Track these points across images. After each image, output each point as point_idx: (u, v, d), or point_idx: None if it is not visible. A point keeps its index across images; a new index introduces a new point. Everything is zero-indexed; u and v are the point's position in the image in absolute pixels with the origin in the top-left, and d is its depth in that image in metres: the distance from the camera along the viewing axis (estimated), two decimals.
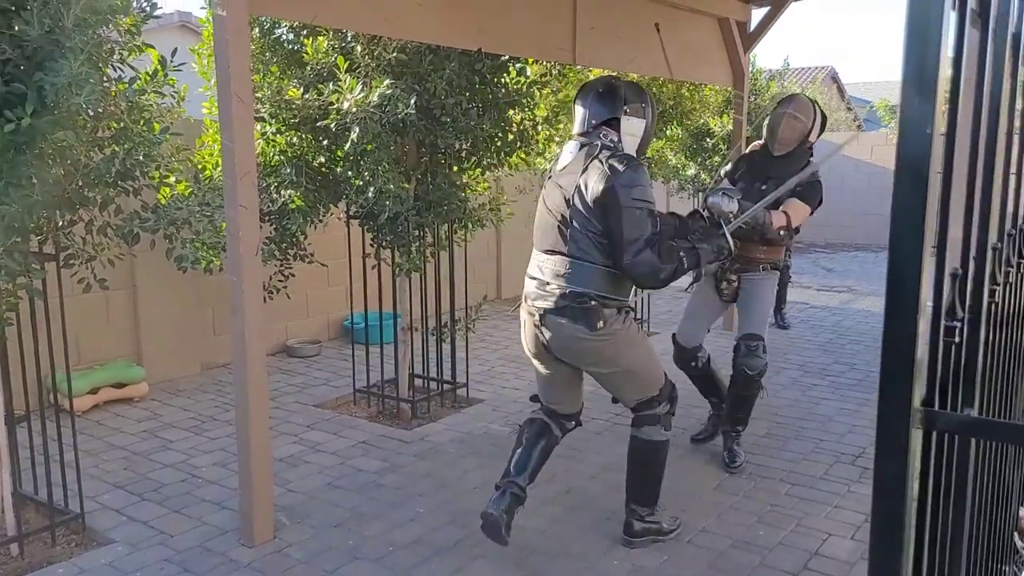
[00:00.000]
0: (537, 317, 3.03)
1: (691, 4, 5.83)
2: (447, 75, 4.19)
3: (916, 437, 0.98)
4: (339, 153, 4.33)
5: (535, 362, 3.24)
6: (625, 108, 3.02)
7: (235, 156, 3.04)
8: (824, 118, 4.00)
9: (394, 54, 4.01)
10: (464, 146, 4.66)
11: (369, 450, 4.32)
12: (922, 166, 0.94)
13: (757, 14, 6.77)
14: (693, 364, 4.25)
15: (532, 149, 4.96)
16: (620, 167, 2.87)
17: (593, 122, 3.03)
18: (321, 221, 4.66)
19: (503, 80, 4.57)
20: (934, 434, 1.05)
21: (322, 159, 4.44)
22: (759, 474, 3.98)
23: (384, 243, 4.61)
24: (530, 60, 4.83)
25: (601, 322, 2.94)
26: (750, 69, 7.18)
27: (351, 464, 4.13)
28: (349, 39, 4.25)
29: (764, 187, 3.84)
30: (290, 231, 4.42)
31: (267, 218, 4.40)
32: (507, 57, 4.60)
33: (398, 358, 4.93)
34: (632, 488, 3.29)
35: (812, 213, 3.95)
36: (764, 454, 4.23)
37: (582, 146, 3.03)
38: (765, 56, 51.42)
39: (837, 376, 5.68)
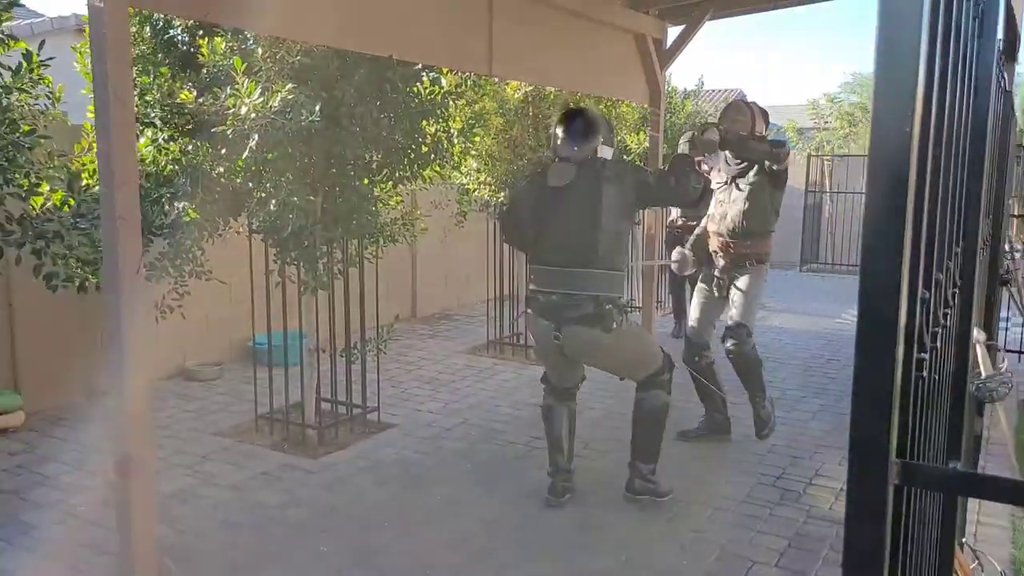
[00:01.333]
0: (554, 326, 3.56)
1: (609, 20, 5.76)
2: (356, 82, 3.96)
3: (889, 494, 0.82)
4: (239, 163, 4.03)
5: (546, 361, 3.86)
6: (601, 138, 3.69)
7: (112, 163, 2.73)
8: (764, 112, 4.52)
9: (298, 58, 3.76)
10: (375, 157, 4.43)
11: (270, 482, 4.01)
12: (900, 172, 0.79)
13: (673, 32, 6.77)
14: (697, 360, 4.62)
15: (447, 162, 4.77)
16: (626, 164, 4.03)
17: (585, 148, 3.64)
18: (220, 235, 4.34)
19: (416, 89, 4.37)
20: (905, 490, 0.90)
21: (220, 169, 4.13)
22: (682, 498, 3.86)
23: (288, 259, 4.32)
24: (444, 70, 4.65)
25: (615, 323, 3.53)
26: (666, 87, 7.18)
27: (250, 498, 3.81)
28: (250, 41, 3.97)
29: (745, 185, 4.42)
30: (184, 246, 4.09)
31: (160, 232, 4.06)
32: (420, 66, 4.40)
33: (304, 381, 4.64)
34: (638, 446, 3.77)
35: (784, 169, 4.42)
36: (686, 477, 4.11)
37: (580, 167, 3.60)
38: (680, 76, 52.90)
39: None
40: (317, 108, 3.65)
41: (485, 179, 6.46)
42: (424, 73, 4.41)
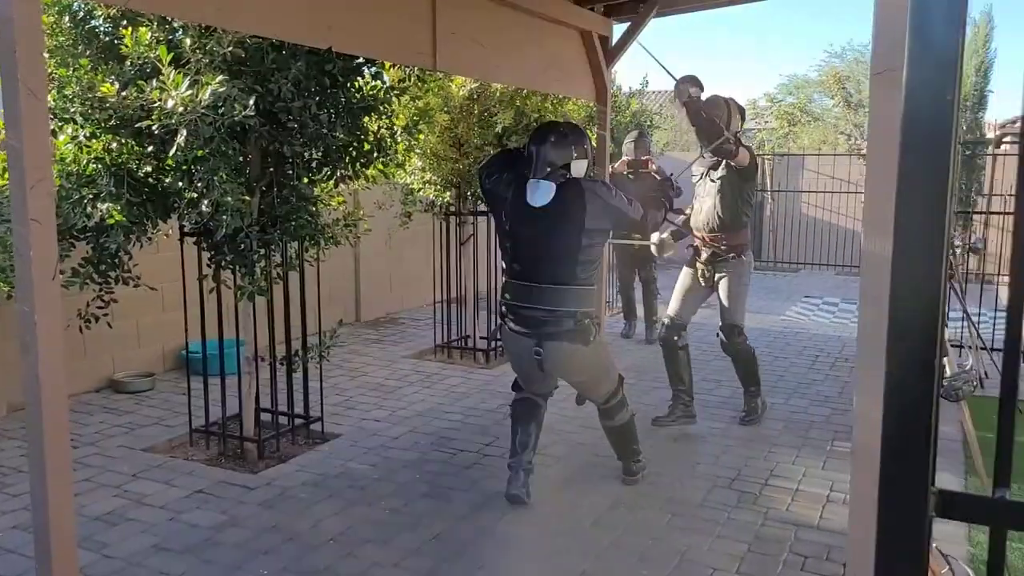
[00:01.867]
0: (534, 342, 3.58)
1: (554, 15, 5.65)
2: (293, 75, 3.76)
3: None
4: (169, 162, 3.79)
5: (520, 373, 3.85)
6: (574, 153, 3.65)
7: (24, 160, 2.49)
8: (741, 108, 4.76)
9: (230, 48, 3.53)
10: (315, 155, 4.23)
11: (207, 500, 3.78)
12: (941, 147, 0.66)
13: (619, 29, 6.70)
14: (676, 339, 4.81)
15: (391, 160, 4.59)
16: (596, 184, 3.67)
17: (559, 164, 3.61)
18: (149, 239, 4.08)
19: (357, 84, 4.18)
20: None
21: (148, 168, 3.88)
22: (639, 505, 3.76)
23: (223, 263, 4.09)
24: (387, 64, 4.47)
25: (592, 336, 3.60)
26: (612, 86, 7.11)
27: (184, 519, 3.58)
28: (178, 31, 3.73)
29: (715, 179, 4.68)
30: (110, 250, 3.83)
31: (83, 236, 3.79)
32: (362, 59, 4.22)
33: (242, 391, 4.40)
34: (622, 456, 3.99)
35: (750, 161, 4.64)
36: (643, 481, 4.01)
37: (558, 185, 3.57)
38: (624, 74, 53.27)
39: (706, 394, 5.60)
40: (251, 102, 3.44)
41: (430, 178, 6.29)
42: (366, 67, 4.22)
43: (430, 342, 6.83)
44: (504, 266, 3.91)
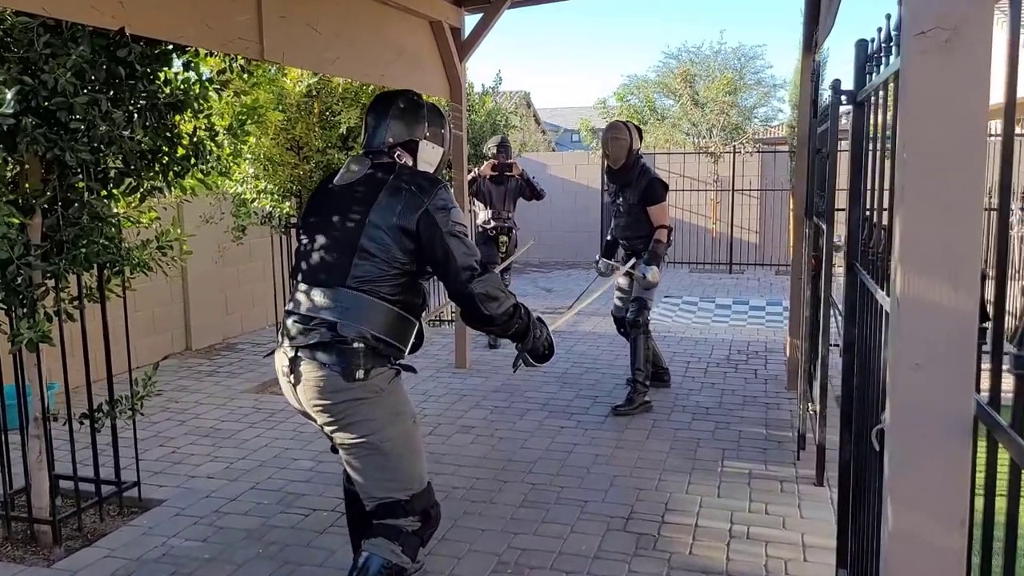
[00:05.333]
0: (287, 361, 2.40)
1: (400, 2, 5.06)
2: (74, 63, 2.96)
3: None
4: None
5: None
6: (426, 132, 2.63)
7: None
8: (639, 129, 5.40)
9: None
10: (113, 164, 3.43)
11: None
12: None
13: (471, 21, 6.20)
14: (623, 331, 5.43)
15: (213, 167, 3.83)
16: (429, 187, 2.43)
17: (389, 140, 2.58)
18: None
19: (163, 75, 3.42)
20: None
21: None
22: (525, 563, 3.24)
23: None
24: (203, 52, 3.72)
25: (361, 371, 2.32)
26: (465, 82, 6.59)
27: None
28: None
29: (622, 199, 5.34)
30: None
31: None
32: (170, 46, 3.46)
33: (29, 458, 3.52)
34: None
35: (665, 200, 5.26)
36: (526, 532, 3.50)
37: (374, 165, 2.54)
38: (477, 71, 52.92)
39: (582, 414, 5.19)
40: (10, 96, 2.64)
41: (265, 187, 5.51)
42: (174, 55, 3.47)
43: (274, 371, 6.04)
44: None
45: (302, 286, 2.48)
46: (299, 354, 2.37)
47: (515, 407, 5.32)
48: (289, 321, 2.45)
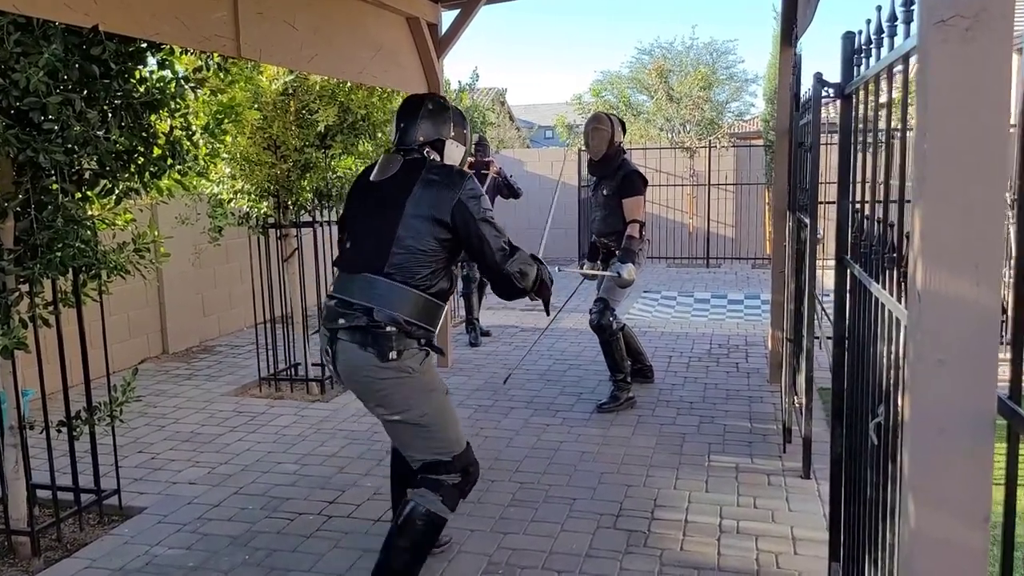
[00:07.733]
0: (327, 339, 2.75)
1: None
2: (46, 62, 2.88)
3: None
4: None
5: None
6: (451, 132, 2.91)
7: None
8: (622, 122, 5.34)
9: None
10: (87, 165, 3.35)
11: None
12: None
13: (448, 18, 6.14)
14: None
15: (190, 167, 3.76)
16: (459, 179, 2.72)
17: (420, 138, 2.86)
18: None
19: (139, 74, 3.34)
20: None
21: None
22: (516, 563, 3.21)
23: None
24: (178, 49, 3.64)
25: (395, 352, 2.64)
26: (443, 79, 6.53)
27: None
28: None
29: (604, 191, 5.24)
30: None
31: None
32: (145, 44, 3.38)
33: (6, 468, 3.43)
34: (385, 566, 2.71)
35: (643, 194, 5.17)
36: (516, 531, 3.47)
37: (406, 161, 2.82)
38: (454, 68, 52.66)
39: (567, 411, 5.17)
40: None
41: (242, 187, 5.43)
42: (149, 52, 3.39)
43: (254, 373, 5.97)
44: None
45: (343, 274, 2.77)
46: (339, 335, 2.68)
47: (499, 405, 5.29)
48: (331, 304, 2.75)
